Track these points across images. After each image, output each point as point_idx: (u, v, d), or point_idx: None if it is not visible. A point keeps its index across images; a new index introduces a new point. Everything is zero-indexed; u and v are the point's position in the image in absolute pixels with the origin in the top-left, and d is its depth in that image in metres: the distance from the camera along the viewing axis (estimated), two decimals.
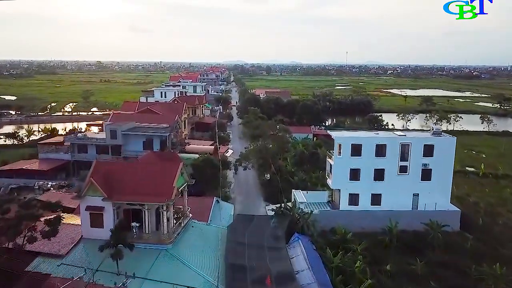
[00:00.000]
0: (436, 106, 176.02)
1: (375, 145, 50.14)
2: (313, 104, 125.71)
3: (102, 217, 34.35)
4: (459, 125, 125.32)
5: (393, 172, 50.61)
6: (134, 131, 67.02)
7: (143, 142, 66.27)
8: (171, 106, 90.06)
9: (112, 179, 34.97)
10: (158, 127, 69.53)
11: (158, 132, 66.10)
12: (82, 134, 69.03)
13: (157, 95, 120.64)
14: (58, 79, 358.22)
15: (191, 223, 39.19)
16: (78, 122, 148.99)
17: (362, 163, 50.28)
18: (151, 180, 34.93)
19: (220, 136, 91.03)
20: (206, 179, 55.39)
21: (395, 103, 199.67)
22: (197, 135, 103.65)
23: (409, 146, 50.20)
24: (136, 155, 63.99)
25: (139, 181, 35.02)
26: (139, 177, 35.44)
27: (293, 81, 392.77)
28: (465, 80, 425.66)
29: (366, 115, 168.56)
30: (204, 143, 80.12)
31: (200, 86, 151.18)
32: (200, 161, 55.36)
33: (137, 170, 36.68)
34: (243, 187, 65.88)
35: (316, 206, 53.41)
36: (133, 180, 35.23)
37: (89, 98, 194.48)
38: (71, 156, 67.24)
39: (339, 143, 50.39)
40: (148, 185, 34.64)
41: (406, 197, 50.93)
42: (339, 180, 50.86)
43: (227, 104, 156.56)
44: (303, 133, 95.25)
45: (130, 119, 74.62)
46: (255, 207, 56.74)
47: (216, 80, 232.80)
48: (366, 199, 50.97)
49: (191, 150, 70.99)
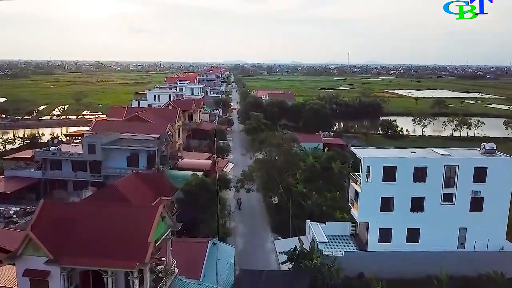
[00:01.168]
0: (448, 108, 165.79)
1: (413, 167, 39.81)
2: (320, 107, 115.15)
3: (47, 285, 24.03)
4: (480, 130, 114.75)
5: (435, 202, 40.29)
6: (116, 145, 56.62)
7: (127, 157, 55.90)
8: (164, 112, 79.63)
9: (62, 230, 24.64)
10: (146, 138, 59.18)
11: (145, 146, 55.72)
12: (56, 147, 58.61)
13: (151, 99, 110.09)
14: (54, 80, 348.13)
15: (178, 282, 28.86)
16: (68, 127, 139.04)
17: (397, 190, 39.97)
18: (117, 233, 24.61)
19: (219, 145, 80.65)
20: (200, 206, 45.20)
21: (405, 105, 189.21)
22: (193, 143, 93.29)
23: (456, 169, 39.83)
24: (119, 173, 53.81)
25: (100, 234, 24.70)
26: (101, 227, 25.07)
27: (295, 81, 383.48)
28: (470, 80, 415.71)
29: (375, 118, 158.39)
30: (200, 156, 69.71)
31: (198, 88, 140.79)
32: (194, 185, 44.99)
33: (99, 216, 26.18)
34: (246, 213, 55.40)
35: (337, 242, 43.17)
36: (92, 231, 24.92)
37: (81, 100, 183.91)
38: (42, 173, 56.95)
39: (368, 165, 39.98)
40: (113, 240, 24.35)
41: (450, 232, 40.61)
42: (367, 211, 40.54)
43: (227, 107, 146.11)
44: (312, 142, 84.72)
45: (114, 129, 64.31)
46: (260, 241, 46.41)
47: (216, 80, 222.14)
48: (401, 234, 40.67)
49: (185, 165, 60.63)
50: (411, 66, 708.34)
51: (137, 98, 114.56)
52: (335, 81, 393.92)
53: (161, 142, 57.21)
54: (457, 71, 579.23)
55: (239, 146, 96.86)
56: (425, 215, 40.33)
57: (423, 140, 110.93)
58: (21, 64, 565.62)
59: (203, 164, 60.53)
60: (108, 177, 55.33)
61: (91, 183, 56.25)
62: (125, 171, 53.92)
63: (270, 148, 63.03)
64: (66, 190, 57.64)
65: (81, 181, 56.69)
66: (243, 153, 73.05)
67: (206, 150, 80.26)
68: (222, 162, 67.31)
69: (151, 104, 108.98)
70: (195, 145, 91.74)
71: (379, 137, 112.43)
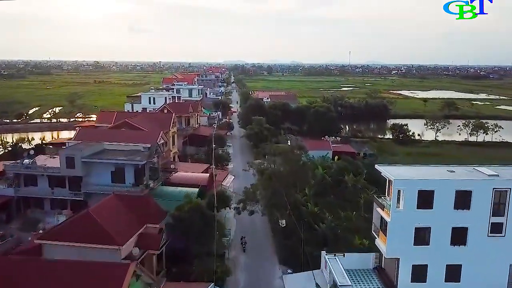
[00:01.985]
0: (458, 110, 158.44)
1: (454, 191, 32.45)
2: (326, 110, 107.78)
3: None
4: (498, 135, 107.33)
5: (480, 233, 32.93)
6: (100, 157, 49.17)
7: (111, 172, 48.47)
8: (157, 117, 72.07)
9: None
10: (134, 149, 51.80)
11: (132, 159, 48.28)
12: (30, 160, 51.16)
13: (145, 102, 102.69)
14: (50, 80, 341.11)
15: None
16: (59, 130, 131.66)
17: (434, 219, 32.60)
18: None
19: (218, 154, 73.29)
20: (194, 234, 37.89)
21: (412, 107, 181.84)
22: (190, 150, 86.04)
23: (507, 193, 32.53)
24: (102, 190, 46.51)
25: None
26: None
27: (296, 81, 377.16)
28: (474, 81, 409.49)
29: (382, 121, 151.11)
30: (196, 167, 62.25)
31: (196, 89, 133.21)
32: (186, 211, 37.56)
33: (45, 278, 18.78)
34: (249, 239, 47.73)
35: (358, 278, 35.86)
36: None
37: (75, 101, 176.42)
38: (14, 190, 49.54)
39: (399, 188, 32.61)
40: None
41: (499, 270, 33.23)
42: (397, 245, 33.15)
43: (227, 109, 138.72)
44: (320, 149, 77.14)
45: (100, 137, 57.00)
46: (267, 276, 39.03)
47: (215, 81, 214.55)
48: (439, 272, 33.31)
49: (178, 180, 53.26)
50: (413, 66, 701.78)
51: (131, 101, 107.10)
52: (337, 82, 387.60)
53: (151, 154, 49.79)
54: (459, 71, 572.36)
55: (240, 153, 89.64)
56: (468, 249, 33.00)
57: (437, 145, 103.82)
58: (19, 64, 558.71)
59: (200, 178, 53.15)
60: (90, 195, 47.90)
61: (70, 202, 49.02)
62: (109, 188, 46.58)
63: (275, 158, 55.60)
64: (43, 209, 50.22)
65: (59, 199, 49.38)
66: (245, 168, 65.25)
67: (204, 159, 73.01)
68: (221, 175, 59.98)
69: (146, 107, 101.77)
70: (192, 152, 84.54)
71: (390, 143, 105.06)
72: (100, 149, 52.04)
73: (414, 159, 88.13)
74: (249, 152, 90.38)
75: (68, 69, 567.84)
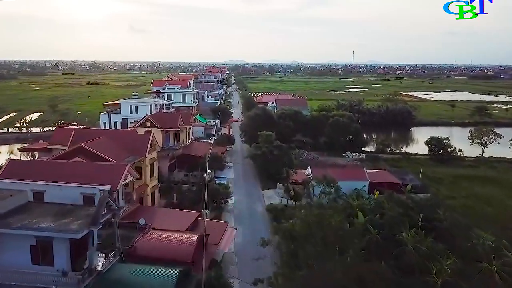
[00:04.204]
0: (491, 117, 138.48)
1: None
2: (349, 121, 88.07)
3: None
4: None
5: None
6: (11, 222, 29.51)
7: (31, 247, 28.90)
8: (129, 138, 51.90)
9: None
10: (76, 204, 32.26)
11: (64, 228, 28.62)
12: None
13: (125, 111, 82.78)
14: (42, 81, 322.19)
15: None
16: (29, 142, 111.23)
17: None
18: None
19: (214, 190, 53.41)
20: None
21: (435, 112, 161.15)
22: (178, 176, 66.66)
23: None
24: (14, 281, 27.01)
25: None
26: None
27: (299, 82, 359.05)
28: (483, 81, 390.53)
29: (405, 129, 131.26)
30: (180, 218, 42.27)
31: (191, 94, 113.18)
32: None
33: None
34: None
35: None
36: None
37: (57, 106, 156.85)
38: None
39: None
40: None
41: None
42: None
43: (227, 117, 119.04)
44: (352, 179, 56.85)
45: (37, 174, 37.71)
46: None
47: (214, 82, 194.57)
48: None
49: (149, 250, 33.56)
50: (416, 66, 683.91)
51: (108, 110, 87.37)
52: (342, 82, 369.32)
53: (98, 215, 29.87)
54: (466, 71, 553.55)
55: (243, 179, 69.93)
56: None
57: (485, 164, 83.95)
58: (15, 65, 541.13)
59: (183, 246, 33.57)
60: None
61: None
62: (27, 276, 27.18)
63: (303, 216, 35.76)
64: None
65: None
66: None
67: (195, 193, 53.29)
68: (216, 229, 40.32)
69: (126, 117, 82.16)
70: (181, 178, 65.17)
71: (426, 160, 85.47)
72: (22, 201, 32.43)
73: (466, 186, 68.55)
74: (255, 176, 70.89)
75: (64, 69, 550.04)
